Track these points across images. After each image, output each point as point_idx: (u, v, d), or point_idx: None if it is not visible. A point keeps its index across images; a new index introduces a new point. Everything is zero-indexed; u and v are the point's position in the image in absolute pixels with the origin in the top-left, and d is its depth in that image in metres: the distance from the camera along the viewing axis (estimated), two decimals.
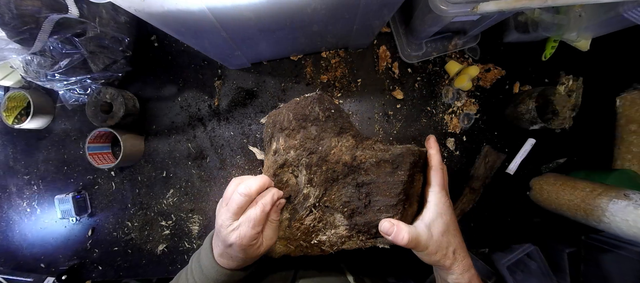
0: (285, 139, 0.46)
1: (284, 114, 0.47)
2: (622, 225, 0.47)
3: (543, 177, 0.65)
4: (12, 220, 0.73)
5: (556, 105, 0.60)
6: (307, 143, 0.45)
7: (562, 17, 0.58)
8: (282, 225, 0.45)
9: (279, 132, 0.47)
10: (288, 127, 0.46)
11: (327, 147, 0.44)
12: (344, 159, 0.43)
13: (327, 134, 0.45)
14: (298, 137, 0.45)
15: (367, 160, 0.42)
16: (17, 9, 0.45)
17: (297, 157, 0.45)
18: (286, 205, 0.45)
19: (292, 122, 0.46)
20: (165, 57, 0.69)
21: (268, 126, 0.50)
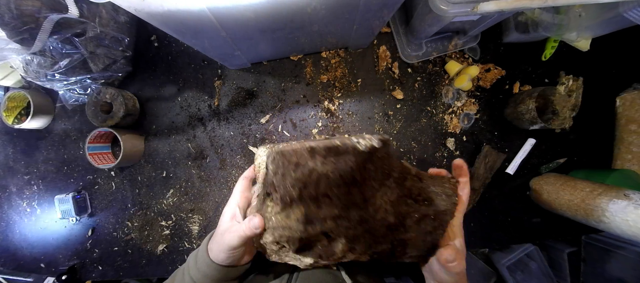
0: (316, 207, 0.34)
1: (314, 171, 0.32)
2: (622, 225, 0.47)
3: (543, 177, 0.65)
4: (12, 220, 0.73)
5: (556, 105, 0.60)
6: (351, 213, 0.35)
7: (562, 17, 0.58)
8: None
9: (307, 198, 0.34)
10: (323, 192, 0.33)
11: (372, 210, 0.36)
12: (388, 221, 0.36)
13: (372, 189, 0.36)
14: (338, 205, 0.34)
15: (409, 216, 0.37)
16: (17, 9, 0.45)
17: (335, 227, 0.35)
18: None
19: (332, 189, 0.33)
20: (165, 57, 0.69)
21: (276, 170, 0.34)
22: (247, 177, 0.45)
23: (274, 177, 0.35)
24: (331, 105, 0.67)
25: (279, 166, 0.33)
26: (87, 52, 0.56)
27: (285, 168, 0.33)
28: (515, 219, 0.68)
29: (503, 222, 0.69)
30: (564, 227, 0.67)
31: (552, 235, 0.68)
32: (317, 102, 0.67)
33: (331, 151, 0.32)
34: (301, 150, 0.32)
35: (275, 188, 0.36)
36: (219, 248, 0.39)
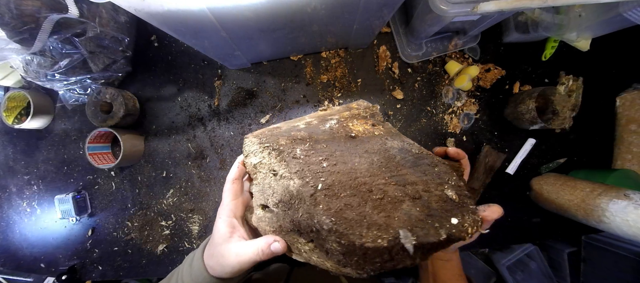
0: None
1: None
2: (622, 225, 0.47)
3: (543, 177, 0.65)
4: (12, 220, 0.73)
5: (556, 105, 0.60)
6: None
7: (562, 17, 0.58)
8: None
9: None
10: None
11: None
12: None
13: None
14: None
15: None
16: (17, 9, 0.45)
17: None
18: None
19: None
20: (165, 57, 0.69)
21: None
22: (235, 179, 0.39)
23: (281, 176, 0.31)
24: (331, 105, 0.67)
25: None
26: (87, 52, 0.56)
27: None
28: (515, 219, 0.68)
29: (503, 222, 0.69)
30: (564, 227, 0.67)
31: (552, 235, 0.68)
32: (317, 102, 0.67)
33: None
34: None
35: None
36: (220, 265, 0.36)
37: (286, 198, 0.31)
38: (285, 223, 0.32)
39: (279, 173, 0.31)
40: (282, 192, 0.31)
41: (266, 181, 0.34)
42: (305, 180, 0.30)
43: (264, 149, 0.34)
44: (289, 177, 0.30)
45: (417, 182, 0.33)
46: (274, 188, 0.32)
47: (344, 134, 0.37)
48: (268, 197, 0.34)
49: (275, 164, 0.32)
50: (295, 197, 0.30)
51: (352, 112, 0.41)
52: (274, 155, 0.32)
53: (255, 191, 0.37)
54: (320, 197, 0.29)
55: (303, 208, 0.29)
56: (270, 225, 0.34)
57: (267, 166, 0.34)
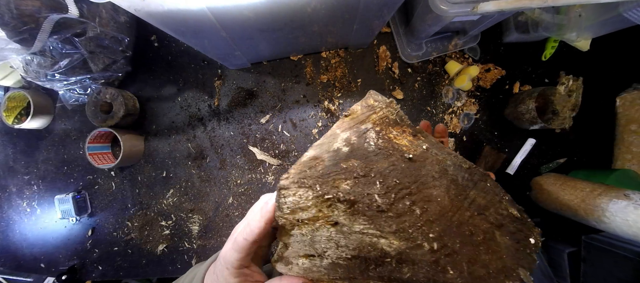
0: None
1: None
2: (622, 225, 0.47)
3: (543, 177, 0.65)
4: (12, 220, 0.73)
5: (556, 105, 0.60)
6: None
7: (562, 17, 0.58)
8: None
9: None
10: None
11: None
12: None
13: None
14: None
15: None
16: (17, 9, 0.45)
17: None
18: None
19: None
20: (165, 57, 0.69)
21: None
22: (254, 242, 0.30)
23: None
24: (331, 105, 0.67)
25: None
26: (87, 52, 0.56)
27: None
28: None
29: None
30: (564, 227, 0.67)
31: (552, 235, 0.68)
32: (317, 102, 0.67)
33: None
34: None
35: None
36: None
37: (372, 255, 0.26)
38: (365, 276, 0.27)
39: (350, 227, 0.27)
40: (361, 247, 0.26)
41: (320, 233, 0.28)
42: (415, 243, 0.26)
43: (323, 203, 0.27)
44: (376, 235, 0.26)
45: (487, 205, 0.31)
46: (338, 241, 0.27)
47: (399, 156, 0.32)
48: (325, 249, 0.28)
49: (342, 217, 0.27)
50: (393, 256, 0.26)
51: (379, 114, 0.37)
52: (342, 208, 0.27)
53: (294, 242, 0.29)
54: (442, 258, 0.26)
55: (415, 271, 0.26)
56: (331, 275, 0.28)
57: (324, 219, 0.27)
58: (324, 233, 0.27)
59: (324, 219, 0.27)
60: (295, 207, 0.27)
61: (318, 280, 0.29)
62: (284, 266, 0.30)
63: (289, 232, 0.29)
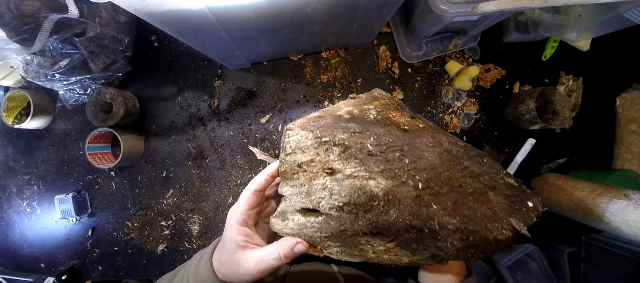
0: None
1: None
2: (622, 225, 0.47)
3: (543, 177, 0.65)
4: (12, 220, 0.73)
5: (556, 105, 0.60)
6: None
7: (562, 17, 0.58)
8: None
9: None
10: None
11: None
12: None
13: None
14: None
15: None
16: (17, 9, 0.45)
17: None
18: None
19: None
20: (165, 57, 0.69)
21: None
22: (258, 191, 0.35)
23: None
24: (331, 105, 0.67)
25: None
26: (87, 52, 0.56)
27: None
28: None
29: None
30: (564, 227, 0.67)
31: (552, 235, 0.68)
32: (317, 102, 0.67)
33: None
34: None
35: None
36: (236, 274, 0.34)
37: (361, 200, 0.28)
38: (354, 227, 0.28)
39: (343, 172, 0.28)
40: (351, 193, 0.28)
41: (316, 182, 0.29)
42: (400, 180, 0.28)
43: (321, 144, 0.29)
44: (365, 177, 0.28)
45: (482, 173, 0.33)
46: (332, 189, 0.28)
47: (396, 127, 0.35)
48: (320, 200, 0.29)
49: (337, 162, 0.28)
50: (380, 198, 0.27)
51: (381, 101, 0.39)
52: (337, 152, 0.29)
53: (292, 194, 0.31)
54: (427, 196, 0.28)
55: (401, 210, 0.27)
56: (323, 231, 0.30)
57: (320, 165, 0.29)
58: (319, 181, 0.29)
59: (321, 165, 0.29)
60: (296, 147, 0.30)
61: (311, 238, 0.31)
62: (281, 221, 0.32)
63: (288, 180, 0.31)
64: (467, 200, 0.30)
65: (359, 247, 0.30)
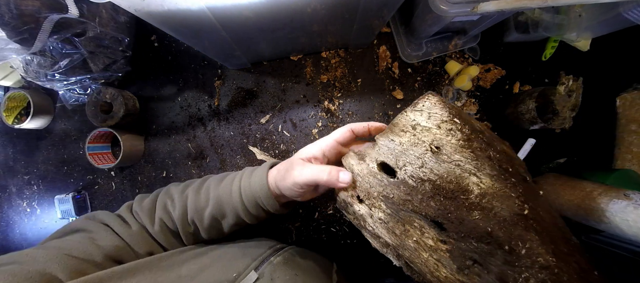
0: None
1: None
2: (622, 225, 0.47)
3: (543, 177, 0.65)
4: (12, 220, 0.73)
5: (556, 105, 0.60)
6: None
7: (562, 17, 0.58)
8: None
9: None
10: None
11: None
12: None
13: None
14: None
15: None
16: (17, 9, 0.45)
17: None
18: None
19: None
20: (165, 57, 0.69)
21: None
22: (338, 140, 0.39)
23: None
24: (331, 105, 0.67)
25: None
26: (87, 52, 0.56)
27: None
28: None
29: None
30: None
31: None
32: (317, 102, 0.67)
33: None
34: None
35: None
36: (284, 172, 0.37)
37: (449, 187, 0.27)
38: (421, 205, 0.28)
39: (450, 156, 0.27)
40: (444, 176, 0.27)
41: (416, 149, 0.29)
42: (507, 192, 0.26)
43: (449, 123, 0.28)
44: (469, 171, 0.27)
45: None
46: (426, 162, 0.28)
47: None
48: (407, 164, 0.29)
49: (450, 145, 0.27)
50: (473, 195, 0.26)
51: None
52: (458, 137, 0.27)
53: (385, 144, 0.32)
54: (529, 222, 0.25)
55: (489, 217, 0.26)
56: (387, 191, 0.30)
57: (432, 138, 0.28)
58: (420, 150, 0.29)
59: (432, 138, 0.28)
60: (426, 110, 0.29)
61: (368, 190, 0.31)
62: (357, 160, 0.34)
63: (392, 133, 0.31)
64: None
65: (406, 226, 0.29)
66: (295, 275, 0.38)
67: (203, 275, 0.35)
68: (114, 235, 0.39)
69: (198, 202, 0.42)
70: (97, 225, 0.39)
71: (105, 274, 0.30)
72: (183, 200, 0.43)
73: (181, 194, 0.44)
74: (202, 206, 0.41)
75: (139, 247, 0.39)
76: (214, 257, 0.39)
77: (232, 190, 0.40)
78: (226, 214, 0.41)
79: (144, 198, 0.46)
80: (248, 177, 0.41)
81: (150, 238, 0.42)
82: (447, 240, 0.27)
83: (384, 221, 0.30)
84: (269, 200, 0.39)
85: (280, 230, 0.68)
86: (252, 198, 0.39)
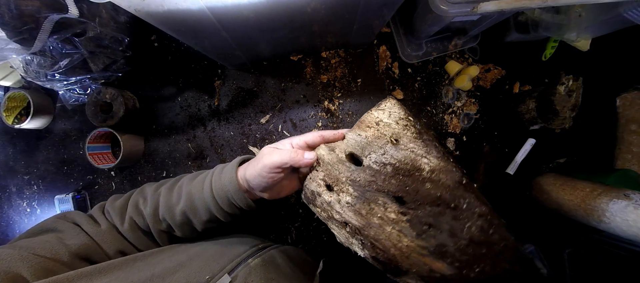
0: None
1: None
2: (622, 225, 0.47)
3: (543, 177, 0.65)
4: (12, 220, 0.73)
5: (556, 105, 0.60)
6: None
7: (562, 17, 0.58)
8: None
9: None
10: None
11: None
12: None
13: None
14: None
15: None
16: (17, 9, 0.45)
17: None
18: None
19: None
20: (165, 57, 0.69)
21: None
22: (323, 135, 0.41)
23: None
24: (331, 105, 0.67)
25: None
26: (87, 52, 0.56)
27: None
28: (515, 219, 0.68)
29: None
30: (564, 227, 0.67)
31: (552, 235, 0.68)
32: (317, 102, 0.67)
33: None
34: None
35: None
36: (252, 164, 0.39)
37: (407, 167, 0.33)
38: (384, 184, 0.33)
39: (406, 145, 0.34)
40: (402, 159, 0.34)
41: (379, 141, 0.35)
42: (449, 168, 0.33)
43: (405, 120, 0.36)
44: (421, 155, 0.33)
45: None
46: (387, 151, 0.34)
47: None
48: (371, 154, 0.35)
49: (406, 138, 0.35)
50: (425, 171, 0.33)
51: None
52: (412, 131, 0.35)
53: (352, 138, 0.38)
54: (468, 187, 0.33)
55: (438, 186, 0.32)
56: (354, 175, 0.35)
57: (391, 132, 0.36)
58: (381, 142, 0.35)
59: (392, 132, 0.35)
60: (387, 110, 0.37)
61: (337, 177, 0.36)
62: (328, 151, 0.38)
63: (359, 129, 0.37)
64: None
65: (371, 205, 0.34)
66: (271, 280, 0.37)
67: (175, 275, 0.34)
68: (83, 234, 0.38)
69: (170, 199, 0.42)
70: (66, 225, 0.39)
71: (75, 274, 0.30)
72: (155, 198, 0.43)
73: (154, 193, 0.44)
74: (173, 203, 0.42)
75: (108, 246, 0.39)
76: (192, 255, 0.38)
77: (204, 187, 0.41)
78: (198, 211, 0.41)
79: (117, 199, 0.45)
80: (219, 173, 0.41)
81: (120, 237, 0.41)
82: (406, 211, 0.32)
83: (351, 204, 0.35)
84: (237, 194, 0.40)
85: (280, 230, 0.68)
86: (223, 194, 0.40)
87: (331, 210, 0.36)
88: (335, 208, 0.36)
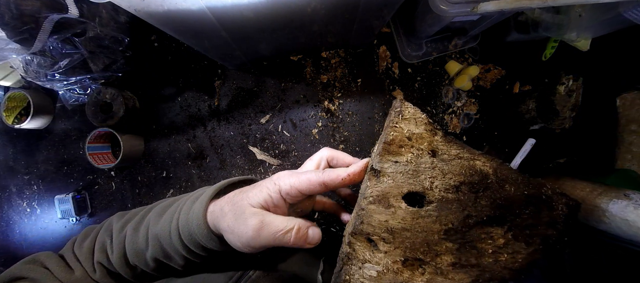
0: None
1: None
2: (622, 225, 0.47)
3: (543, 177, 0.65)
4: (12, 220, 0.73)
5: (556, 105, 0.60)
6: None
7: (562, 17, 0.57)
8: None
9: None
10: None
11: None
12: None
13: None
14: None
15: None
16: (17, 9, 0.45)
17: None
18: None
19: None
20: (165, 57, 0.69)
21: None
22: (325, 182, 0.29)
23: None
24: (331, 105, 0.67)
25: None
26: (87, 52, 0.56)
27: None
28: None
29: None
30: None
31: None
32: (317, 102, 0.67)
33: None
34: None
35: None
36: (233, 228, 0.29)
37: (476, 179, 0.26)
38: (478, 209, 0.26)
39: (448, 152, 0.27)
40: (463, 171, 0.26)
41: (423, 161, 0.27)
42: (501, 164, 0.28)
43: (429, 124, 0.28)
44: (470, 158, 0.27)
45: None
46: (442, 168, 0.26)
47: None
48: (432, 179, 0.26)
49: (441, 143, 0.28)
50: (491, 174, 0.27)
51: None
52: (441, 135, 0.28)
53: (396, 172, 0.27)
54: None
55: (514, 184, 0.26)
56: (442, 221, 0.26)
57: (427, 142, 0.27)
58: (426, 159, 0.27)
59: (428, 142, 0.28)
60: (412, 116, 0.28)
61: (424, 240, 0.25)
62: (384, 209, 0.26)
63: (390, 155, 0.27)
64: None
65: (477, 246, 0.25)
66: None
67: None
68: (56, 282, 0.35)
69: (136, 242, 0.35)
70: (38, 271, 0.36)
71: None
72: (121, 240, 0.37)
73: (119, 233, 0.38)
74: (141, 248, 0.35)
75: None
76: None
77: (171, 230, 0.33)
78: (171, 256, 0.35)
79: (86, 238, 0.41)
80: (186, 212, 0.33)
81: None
82: (510, 227, 0.26)
83: (457, 260, 0.25)
84: (209, 242, 0.32)
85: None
86: (192, 239, 0.32)
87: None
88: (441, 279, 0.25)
